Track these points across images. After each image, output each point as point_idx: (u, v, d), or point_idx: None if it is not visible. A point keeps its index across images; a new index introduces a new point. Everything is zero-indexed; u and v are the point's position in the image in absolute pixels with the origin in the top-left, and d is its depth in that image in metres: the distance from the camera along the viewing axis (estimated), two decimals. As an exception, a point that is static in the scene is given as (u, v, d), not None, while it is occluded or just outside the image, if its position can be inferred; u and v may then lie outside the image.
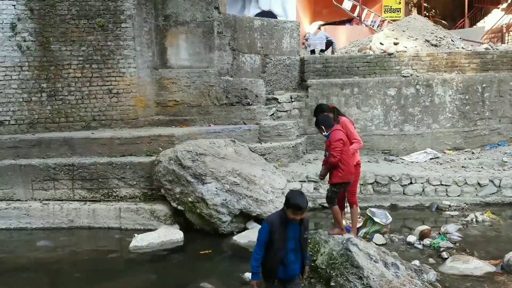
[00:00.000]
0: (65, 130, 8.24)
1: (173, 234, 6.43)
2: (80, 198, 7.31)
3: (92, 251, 6.29)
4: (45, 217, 7.08)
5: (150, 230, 6.60)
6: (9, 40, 8.02)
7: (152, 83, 8.88)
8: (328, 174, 4.75)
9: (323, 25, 16.14)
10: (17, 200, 7.29)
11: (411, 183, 8.07)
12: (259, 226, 6.42)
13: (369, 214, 6.24)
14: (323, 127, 4.72)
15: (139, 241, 6.19)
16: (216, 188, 6.54)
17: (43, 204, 7.19)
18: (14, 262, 5.94)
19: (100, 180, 7.28)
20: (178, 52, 9.03)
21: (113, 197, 7.30)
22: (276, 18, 12.93)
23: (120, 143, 7.59)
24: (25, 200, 7.30)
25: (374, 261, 4.23)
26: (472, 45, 11.77)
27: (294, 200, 3.51)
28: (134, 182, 7.29)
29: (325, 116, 4.89)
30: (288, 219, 3.50)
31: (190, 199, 6.56)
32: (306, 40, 13.47)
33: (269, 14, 13.91)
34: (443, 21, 18.12)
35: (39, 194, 7.34)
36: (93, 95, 8.35)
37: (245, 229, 6.62)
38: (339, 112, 5.34)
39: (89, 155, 7.52)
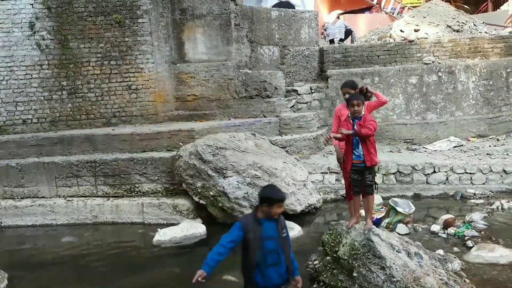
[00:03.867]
0: (86, 127, 8.33)
1: (196, 228, 6.46)
2: (103, 194, 7.40)
3: (116, 246, 6.37)
4: (70, 214, 7.20)
5: (173, 224, 6.65)
6: (28, 39, 8.12)
7: (170, 78, 8.90)
8: (365, 156, 4.39)
9: (342, 14, 15.88)
10: (42, 197, 7.43)
11: (434, 172, 7.92)
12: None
13: (391, 204, 6.18)
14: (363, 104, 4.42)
15: (162, 236, 6.24)
16: (237, 181, 6.53)
17: (67, 200, 7.32)
18: (42, 258, 6.07)
19: (122, 176, 7.35)
20: (196, 46, 9.00)
21: (135, 192, 7.37)
22: (294, 8, 12.77)
23: (141, 138, 7.63)
24: (50, 197, 7.43)
25: (396, 251, 4.17)
26: (495, 29, 11.41)
27: (276, 194, 3.35)
28: (156, 177, 7.33)
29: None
30: (261, 217, 3.31)
31: (211, 193, 6.58)
32: (325, 30, 13.27)
33: (286, 4, 13.75)
34: (465, 6, 17.59)
35: (63, 191, 7.46)
36: (112, 91, 8.41)
37: (267, 222, 6.59)
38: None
39: (111, 151, 7.59)
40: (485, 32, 10.64)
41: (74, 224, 7.15)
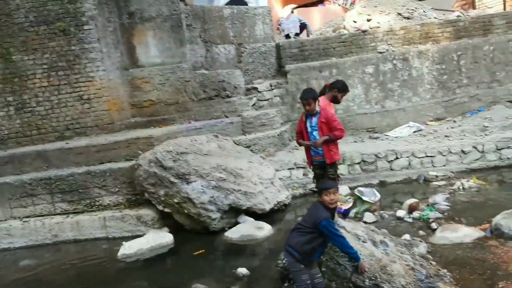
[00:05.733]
0: (38, 142, 7.91)
1: (163, 238, 6.24)
2: (61, 211, 7.05)
3: (79, 264, 6.06)
4: (27, 235, 6.81)
5: (139, 236, 6.39)
6: (-33, 56, 7.64)
7: (124, 85, 8.59)
8: (325, 153, 4.47)
9: (296, 8, 15.89)
10: (-4, 220, 7.00)
11: (397, 158, 8.05)
12: (251, 220, 6.43)
13: (357, 193, 6.24)
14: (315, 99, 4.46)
15: (128, 249, 5.98)
16: (201, 186, 6.36)
17: (23, 221, 6.92)
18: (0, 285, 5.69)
19: (80, 190, 7.02)
20: (148, 49, 8.73)
21: (96, 206, 7.06)
22: (247, 5, 12.67)
23: (97, 150, 7.32)
24: (4, 220, 7.01)
25: (362, 241, 4.16)
26: (444, 14, 11.74)
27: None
28: (117, 189, 7.05)
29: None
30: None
31: (176, 200, 6.38)
32: (280, 25, 13.24)
33: (239, 1, 13.62)
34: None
35: (18, 212, 7.06)
36: (63, 103, 8.02)
37: (236, 223, 6.48)
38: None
39: (66, 166, 7.25)
40: (434, 17, 10.91)
41: (33, 245, 6.77)
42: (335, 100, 5.11)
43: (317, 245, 3.78)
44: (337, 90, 5.08)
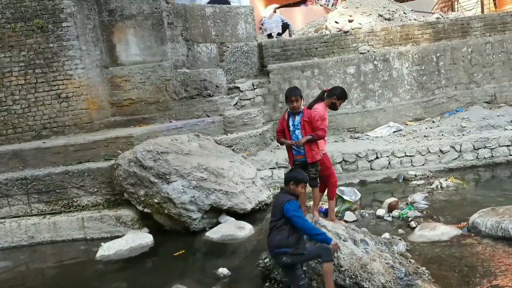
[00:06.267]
0: (14, 142, 7.73)
1: (142, 238, 6.16)
2: (38, 212, 6.88)
3: (56, 266, 5.96)
4: (2, 237, 6.63)
5: (118, 237, 6.30)
6: None
7: (103, 83, 8.45)
8: (307, 152, 4.46)
9: (278, 7, 15.92)
10: (-30, 222, 6.79)
11: (377, 157, 8.13)
12: (232, 219, 6.40)
13: (338, 193, 6.22)
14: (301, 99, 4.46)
15: (106, 250, 5.88)
16: (182, 186, 6.29)
17: (-2, 223, 6.74)
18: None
19: (57, 191, 6.87)
20: (128, 47, 8.62)
21: (74, 207, 6.92)
22: (229, 4, 12.61)
23: (75, 149, 7.19)
24: (-21, 221, 6.81)
25: (343, 240, 4.20)
26: (423, 16, 11.93)
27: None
28: (95, 189, 6.93)
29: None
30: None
31: (156, 200, 6.30)
32: (262, 24, 13.22)
33: (221, 0, 13.55)
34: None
35: (-8, 213, 6.87)
36: (40, 101, 7.85)
37: (217, 223, 6.44)
38: None
39: (43, 166, 7.09)
40: (414, 19, 11.07)
41: (9, 247, 6.58)
42: (333, 107, 5.09)
43: (299, 231, 3.74)
44: (336, 97, 5.08)
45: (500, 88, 10.52)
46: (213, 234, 6.15)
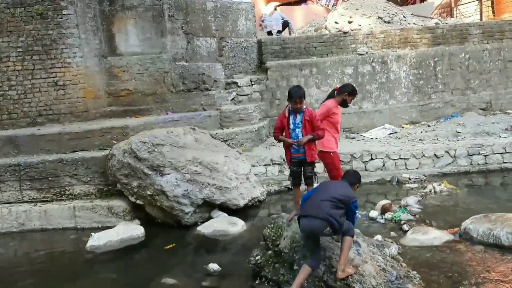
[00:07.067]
0: (8, 127, 7.64)
1: (133, 230, 6.14)
2: (29, 199, 6.83)
3: (45, 254, 5.91)
4: (-8, 222, 6.59)
5: (109, 227, 6.27)
6: None
7: (101, 73, 8.38)
8: (307, 151, 4.46)
9: (279, 5, 15.90)
10: (-40, 206, 6.73)
11: (372, 159, 8.16)
12: (224, 215, 6.40)
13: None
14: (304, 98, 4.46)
15: (97, 240, 5.85)
16: (176, 179, 6.28)
17: (-11, 208, 6.69)
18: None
19: (50, 179, 6.83)
20: (128, 38, 8.55)
21: (66, 195, 6.88)
22: None
23: (70, 138, 7.14)
24: (-31, 206, 6.76)
25: (336, 240, 4.20)
26: (423, 21, 11.96)
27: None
28: (88, 179, 6.89)
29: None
30: None
31: (149, 192, 6.28)
32: (262, 21, 13.21)
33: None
34: (395, -2, 18.32)
35: (-17, 199, 6.81)
36: (37, 88, 7.77)
37: (209, 218, 6.44)
38: None
39: (36, 153, 7.04)
40: (414, 23, 11.11)
41: (-2, 233, 6.55)
42: (344, 104, 5.27)
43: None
44: (347, 93, 5.27)
45: (496, 96, 10.59)
46: (205, 229, 6.15)
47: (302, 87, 4.71)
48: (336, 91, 5.40)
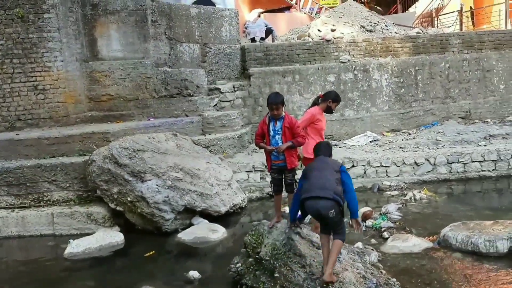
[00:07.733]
0: (-14, 132, 7.51)
1: (113, 237, 6.06)
2: (7, 205, 6.70)
3: (22, 262, 5.79)
4: (-33, 229, 6.42)
5: (88, 234, 6.18)
6: None
7: (82, 77, 8.30)
8: (287, 158, 4.47)
9: (263, 12, 16.00)
10: None
11: (353, 166, 8.22)
12: (205, 222, 6.36)
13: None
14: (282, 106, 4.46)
15: (75, 247, 5.76)
16: (157, 185, 6.23)
17: (-37, 215, 6.52)
18: None
19: (28, 184, 6.71)
20: (110, 43, 8.49)
21: (44, 202, 6.76)
22: (214, 5, 12.59)
23: (49, 143, 7.04)
24: None
25: (316, 247, 4.21)
26: (404, 30, 12.16)
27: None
28: (67, 185, 6.79)
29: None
30: None
31: (129, 199, 6.21)
32: (246, 28, 13.26)
33: (206, 2, 13.52)
34: (377, 7, 18.63)
35: (-42, 205, 6.64)
36: (16, 92, 7.66)
37: (190, 225, 6.40)
38: None
39: (15, 158, 6.93)
40: (395, 32, 11.30)
41: (-27, 241, 6.39)
42: (329, 110, 5.35)
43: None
44: (331, 100, 5.33)
45: (475, 105, 10.81)
46: (186, 235, 6.10)
47: (284, 94, 4.74)
48: (320, 98, 5.45)
